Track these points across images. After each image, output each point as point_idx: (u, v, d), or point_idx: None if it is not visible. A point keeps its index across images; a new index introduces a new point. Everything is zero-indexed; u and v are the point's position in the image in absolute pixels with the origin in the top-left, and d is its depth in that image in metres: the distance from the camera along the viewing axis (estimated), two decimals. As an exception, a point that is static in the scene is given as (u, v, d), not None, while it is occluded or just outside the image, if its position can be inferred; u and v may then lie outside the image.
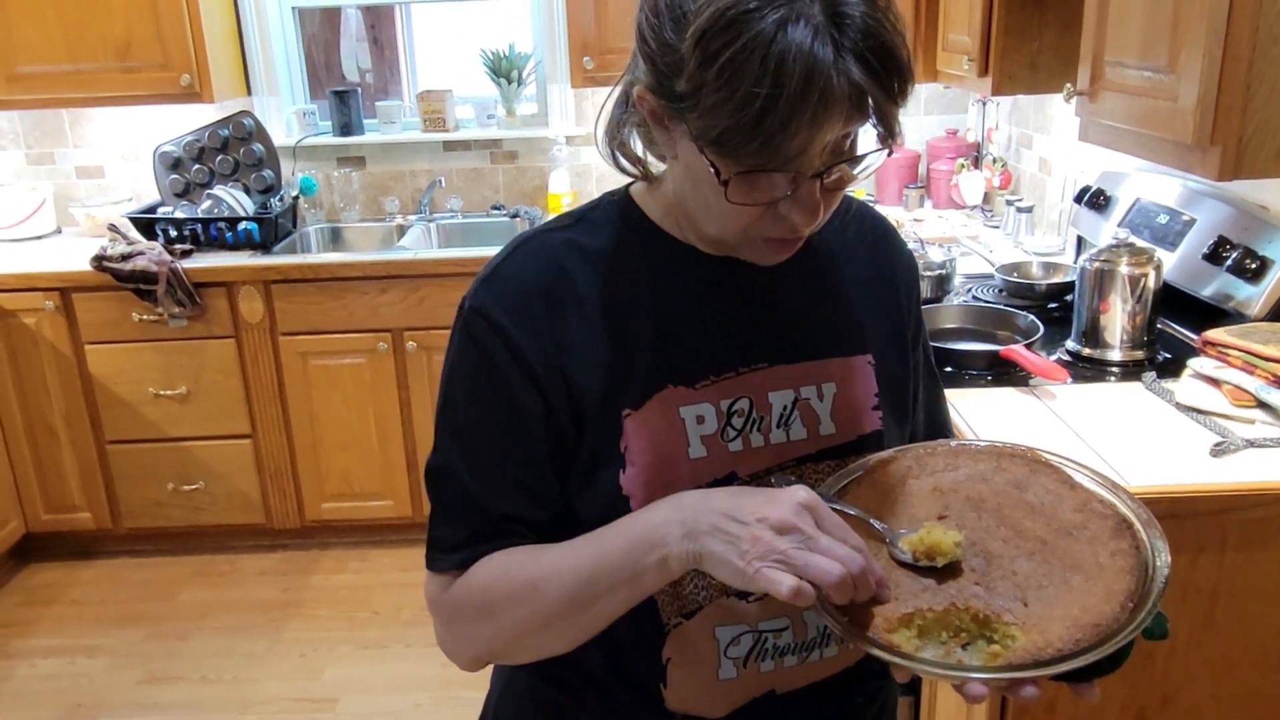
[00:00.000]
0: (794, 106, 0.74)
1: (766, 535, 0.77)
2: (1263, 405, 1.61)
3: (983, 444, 0.97)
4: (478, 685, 1.14)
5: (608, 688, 1.00)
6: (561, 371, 0.92)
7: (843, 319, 1.01)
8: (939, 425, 1.15)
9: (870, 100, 0.77)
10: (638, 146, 0.96)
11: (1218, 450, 1.51)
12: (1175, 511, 1.40)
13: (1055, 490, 0.91)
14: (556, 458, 0.94)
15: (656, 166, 0.97)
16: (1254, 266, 1.80)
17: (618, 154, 0.97)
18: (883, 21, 0.77)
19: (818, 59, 0.74)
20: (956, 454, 0.96)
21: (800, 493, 0.80)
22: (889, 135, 0.81)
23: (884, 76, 0.77)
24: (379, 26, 4.11)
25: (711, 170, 0.81)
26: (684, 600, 0.94)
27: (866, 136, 0.83)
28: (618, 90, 0.95)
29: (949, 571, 0.83)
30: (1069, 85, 1.86)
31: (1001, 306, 2.20)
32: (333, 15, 3.95)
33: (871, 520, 0.87)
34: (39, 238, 3.52)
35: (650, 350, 0.93)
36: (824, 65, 0.74)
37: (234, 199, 3.37)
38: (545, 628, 0.91)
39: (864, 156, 0.84)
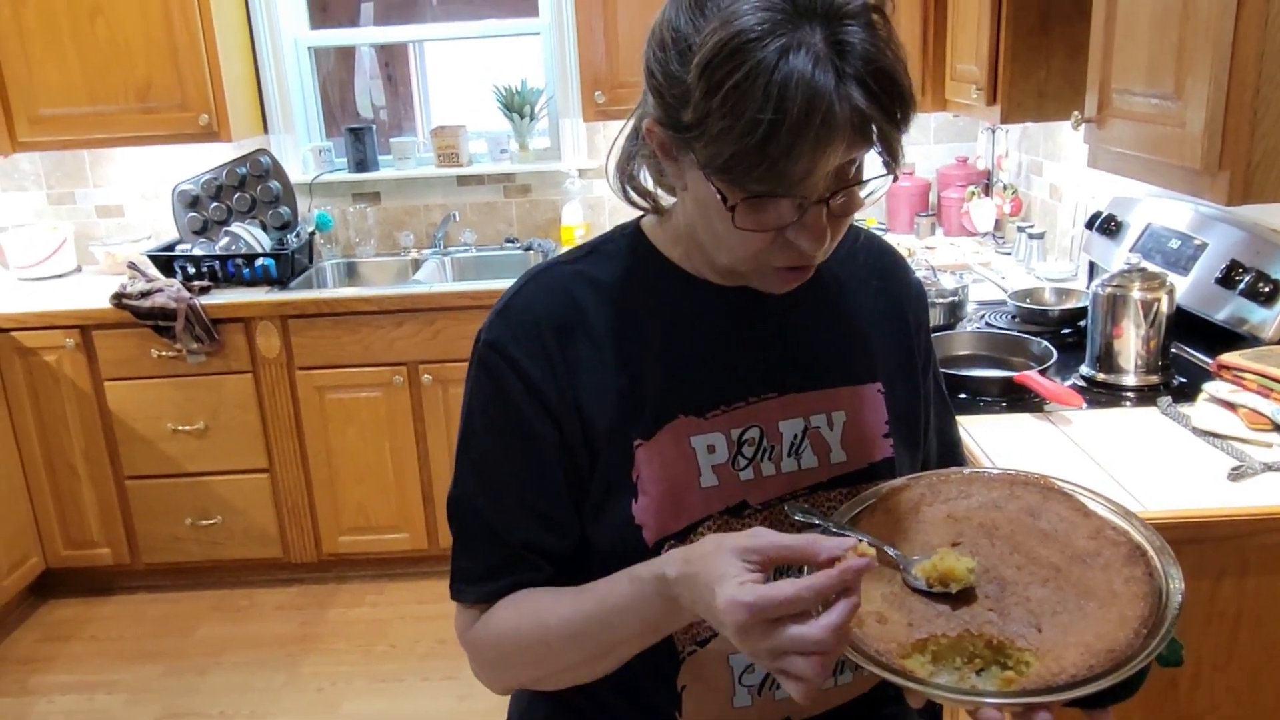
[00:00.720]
0: (797, 132, 0.76)
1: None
2: (1279, 428, 1.60)
3: (996, 471, 0.98)
4: (494, 716, 1.14)
5: (623, 715, 1.00)
6: (574, 401, 0.93)
7: (852, 348, 1.02)
8: (952, 452, 1.15)
9: (873, 125, 0.78)
10: (647, 181, 0.97)
11: (1236, 474, 1.50)
12: (1195, 536, 1.39)
13: (1068, 517, 0.91)
14: (572, 486, 0.95)
15: (666, 200, 0.99)
16: (1267, 290, 1.80)
17: (628, 188, 0.98)
18: (883, 48, 0.78)
19: (819, 85, 0.75)
20: (970, 481, 0.96)
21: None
22: (892, 160, 0.82)
23: (885, 102, 0.78)
24: (393, 64, 4.16)
25: (719, 197, 0.83)
26: (698, 628, 0.95)
27: (873, 163, 0.84)
28: (629, 126, 0.97)
29: (963, 598, 0.83)
30: (1077, 113, 1.87)
31: (1015, 333, 2.19)
32: (347, 54, 4.00)
33: (885, 547, 0.87)
34: (60, 276, 3.56)
35: (661, 381, 0.94)
36: (825, 91, 0.75)
37: (251, 236, 3.40)
38: (566, 670, 0.93)
39: (869, 181, 0.85)
